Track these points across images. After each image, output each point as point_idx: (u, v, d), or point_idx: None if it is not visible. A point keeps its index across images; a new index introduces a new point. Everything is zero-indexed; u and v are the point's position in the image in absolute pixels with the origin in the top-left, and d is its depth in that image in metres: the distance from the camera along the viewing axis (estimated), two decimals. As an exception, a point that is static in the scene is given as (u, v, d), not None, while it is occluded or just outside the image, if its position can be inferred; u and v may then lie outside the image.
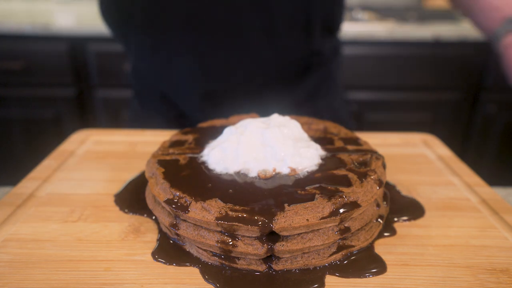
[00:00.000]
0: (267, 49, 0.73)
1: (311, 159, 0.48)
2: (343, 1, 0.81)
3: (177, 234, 0.43)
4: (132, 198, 0.53)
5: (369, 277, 0.40)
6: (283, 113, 0.56)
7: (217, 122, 0.62)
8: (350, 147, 0.53)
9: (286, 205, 0.40)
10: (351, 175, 0.45)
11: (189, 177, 0.46)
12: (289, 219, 0.39)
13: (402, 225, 0.48)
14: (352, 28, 1.61)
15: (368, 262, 0.42)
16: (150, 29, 0.73)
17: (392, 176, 0.59)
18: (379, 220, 0.47)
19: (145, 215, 0.49)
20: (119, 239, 0.45)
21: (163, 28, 0.72)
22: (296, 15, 0.72)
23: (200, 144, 0.54)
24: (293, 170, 0.47)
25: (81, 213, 0.49)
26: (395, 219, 0.49)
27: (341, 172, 0.46)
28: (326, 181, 0.44)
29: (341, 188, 0.42)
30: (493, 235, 0.46)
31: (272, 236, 0.40)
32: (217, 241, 0.40)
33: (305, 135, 0.53)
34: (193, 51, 0.72)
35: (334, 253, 0.41)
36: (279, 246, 0.39)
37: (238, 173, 0.47)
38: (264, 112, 0.63)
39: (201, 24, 0.70)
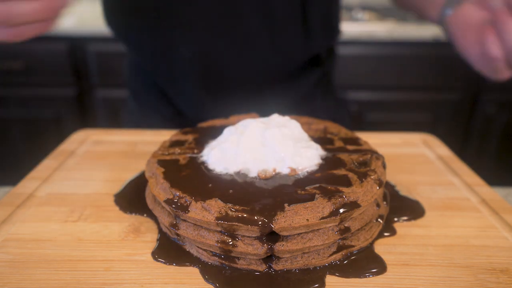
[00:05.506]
0: (267, 46, 0.74)
1: (311, 159, 0.48)
2: (339, 1, 0.81)
3: (177, 234, 0.43)
4: (132, 198, 0.53)
5: (369, 277, 0.40)
6: (280, 113, 0.56)
7: (217, 122, 0.62)
8: (350, 147, 0.53)
9: (286, 205, 0.40)
10: (351, 175, 0.45)
11: (189, 177, 0.46)
12: (289, 219, 0.39)
13: (402, 225, 0.48)
14: (352, 28, 1.61)
15: (368, 262, 0.42)
16: (152, 17, 0.72)
17: (392, 176, 0.59)
18: (379, 220, 0.47)
19: (145, 215, 0.49)
20: (119, 239, 0.45)
21: (166, 18, 0.72)
22: (294, 13, 0.73)
23: (200, 144, 0.54)
24: (293, 170, 0.47)
25: (81, 213, 0.49)
26: (395, 219, 0.49)
27: (341, 172, 0.46)
28: (326, 181, 0.44)
29: (341, 188, 0.42)
30: (493, 235, 0.46)
31: (272, 236, 0.40)
32: (217, 241, 0.40)
33: (305, 135, 0.53)
34: (193, 41, 0.73)
35: (334, 253, 0.41)
36: (279, 246, 0.39)
37: (238, 173, 0.47)
38: (261, 111, 0.63)
39: (202, 16, 0.70)
